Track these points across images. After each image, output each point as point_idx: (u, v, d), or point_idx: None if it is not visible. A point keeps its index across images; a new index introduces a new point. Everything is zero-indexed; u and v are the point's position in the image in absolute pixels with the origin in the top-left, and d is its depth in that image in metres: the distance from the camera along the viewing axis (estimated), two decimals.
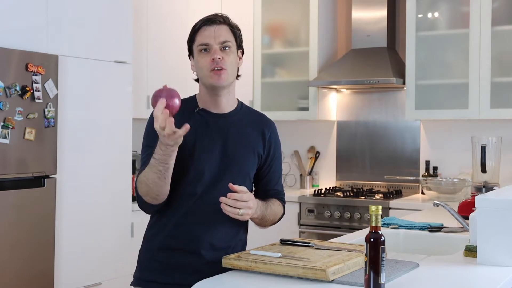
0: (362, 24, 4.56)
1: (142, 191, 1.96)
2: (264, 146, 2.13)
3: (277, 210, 2.15)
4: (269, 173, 2.16)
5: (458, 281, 1.90)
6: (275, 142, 2.17)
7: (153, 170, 1.89)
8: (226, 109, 2.11)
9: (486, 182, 3.10)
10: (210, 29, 2.03)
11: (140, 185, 1.96)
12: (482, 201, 2.06)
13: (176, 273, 2.02)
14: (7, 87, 3.20)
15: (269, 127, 2.16)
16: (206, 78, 2.04)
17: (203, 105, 2.10)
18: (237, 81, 2.20)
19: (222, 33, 2.04)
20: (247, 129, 2.11)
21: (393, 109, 4.70)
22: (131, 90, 3.99)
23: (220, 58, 2.01)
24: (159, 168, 1.88)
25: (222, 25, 2.06)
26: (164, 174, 1.89)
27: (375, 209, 1.60)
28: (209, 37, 2.02)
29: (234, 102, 2.15)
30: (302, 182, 4.92)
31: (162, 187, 1.92)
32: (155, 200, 1.96)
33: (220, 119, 2.08)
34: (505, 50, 4.06)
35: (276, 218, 2.16)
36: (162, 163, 1.87)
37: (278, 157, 2.18)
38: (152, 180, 1.90)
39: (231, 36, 2.07)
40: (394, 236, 2.68)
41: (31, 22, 3.40)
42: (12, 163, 3.25)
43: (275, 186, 2.19)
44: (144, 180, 1.93)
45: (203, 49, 2.03)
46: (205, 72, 2.03)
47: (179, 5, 4.45)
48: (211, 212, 2.01)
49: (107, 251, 3.78)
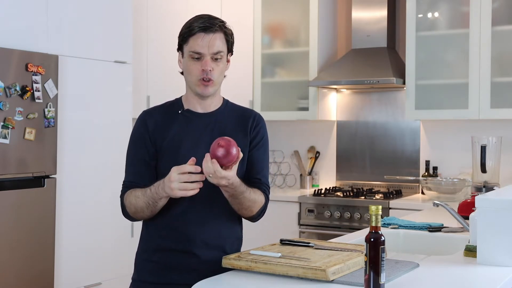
0: (362, 24, 4.56)
1: (129, 209, 2.04)
2: (247, 134, 2.11)
3: (257, 199, 2.04)
4: (251, 162, 2.11)
5: (458, 281, 1.90)
6: (259, 132, 2.13)
7: (144, 200, 1.98)
8: (210, 108, 2.12)
9: (486, 182, 3.10)
10: (206, 38, 2.01)
11: (128, 203, 2.04)
12: (482, 201, 2.06)
13: (173, 273, 2.02)
14: (7, 87, 3.20)
15: (253, 119, 2.14)
16: (193, 85, 2.07)
17: (188, 106, 2.12)
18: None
19: (216, 43, 2.02)
20: (232, 125, 2.11)
21: (393, 109, 4.70)
22: (131, 90, 3.99)
23: (211, 70, 2.02)
24: (149, 201, 1.97)
25: (218, 33, 2.04)
26: (152, 208, 1.98)
27: (375, 209, 1.60)
28: (203, 46, 2.01)
29: (219, 101, 2.16)
30: (302, 182, 4.92)
31: (147, 215, 2.03)
32: (140, 219, 2.08)
33: (205, 118, 2.09)
34: (505, 50, 4.06)
35: (255, 207, 2.04)
36: (154, 199, 1.96)
37: (262, 148, 2.13)
38: (141, 207, 1.99)
39: (224, 44, 2.06)
40: (394, 236, 2.67)
41: (31, 22, 3.41)
42: (12, 163, 3.25)
43: (257, 175, 2.11)
44: (134, 203, 2.01)
45: (195, 57, 2.03)
46: (194, 79, 2.05)
47: (179, 5, 4.45)
48: (202, 211, 2.02)
49: (107, 251, 3.79)
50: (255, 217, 2.09)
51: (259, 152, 2.12)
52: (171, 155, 2.02)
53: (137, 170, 2.07)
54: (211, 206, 2.03)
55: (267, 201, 2.12)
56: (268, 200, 2.13)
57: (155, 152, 2.05)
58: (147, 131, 2.07)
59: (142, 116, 2.11)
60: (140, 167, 2.07)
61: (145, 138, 2.06)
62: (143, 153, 2.06)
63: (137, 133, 2.10)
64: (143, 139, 2.07)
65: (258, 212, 2.08)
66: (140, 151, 2.07)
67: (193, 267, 2.00)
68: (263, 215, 2.13)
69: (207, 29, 2.02)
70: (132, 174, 2.09)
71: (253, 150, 2.11)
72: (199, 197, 2.00)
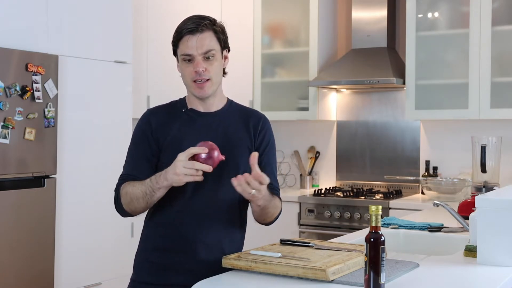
0: (362, 24, 4.56)
1: (124, 200, 2.01)
2: (253, 140, 2.10)
3: (278, 204, 2.09)
4: (262, 166, 2.06)
5: (458, 281, 1.90)
6: (266, 135, 2.12)
7: (142, 188, 1.95)
8: (213, 108, 2.11)
9: (486, 182, 3.10)
10: (192, 39, 2.00)
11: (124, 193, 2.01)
12: (482, 201, 2.06)
13: (171, 273, 2.02)
14: (7, 87, 3.20)
15: (258, 121, 2.13)
16: (189, 88, 2.07)
17: (191, 105, 2.11)
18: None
19: (205, 42, 2.00)
20: (236, 125, 2.10)
21: (393, 109, 4.70)
22: (131, 90, 3.99)
23: (204, 70, 2.01)
24: (147, 191, 1.94)
25: (206, 32, 2.01)
26: (148, 198, 1.95)
27: (375, 209, 1.60)
28: (191, 47, 2.00)
29: (223, 100, 2.14)
30: (302, 182, 4.92)
31: (141, 206, 1.99)
32: (131, 212, 2.04)
33: (208, 118, 2.09)
34: (505, 50, 4.06)
35: (276, 213, 2.09)
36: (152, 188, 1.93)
37: (270, 151, 2.13)
38: (136, 196, 1.96)
39: (215, 42, 2.04)
40: (394, 236, 2.67)
41: (31, 22, 3.41)
42: (12, 163, 3.25)
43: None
44: (130, 192, 1.98)
45: (186, 59, 2.03)
46: (189, 82, 2.05)
47: (179, 5, 4.45)
48: (202, 211, 2.02)
49: (107, 251, 3.79)
50: (273, 221, 2.13)
51: (267, 156, 2.12)
52: (172, 153, 2.00)
53: (136, 165, 2.06)
54: (211, 207, 2.02)
55: (281, 205, 2.15)
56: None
57: (157, 150, 2.05)
58: (150, 128, 2.06)
59: (146, 114, 2.11)
60: (140, 162, 2.05)
61: (148, 136, 2.06)
62: (145, 149, 2.05)
63: (140, 130, 2.09)
64: (145, 136, 2.06)
65: (276, 217, 2.12)
66: (141, 147, 2.06)
67: (191, 268, 1.99)
68: None
69: (193, 30, 2.00)
70: (130, 169, 2.07)
71: (262, 155, 2.09)
72: (198, 197, 2.01)
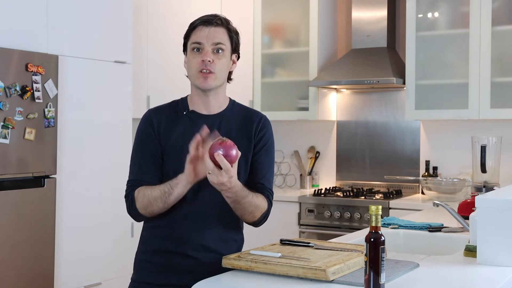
0: (362, 24, 4.56)
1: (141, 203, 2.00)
2: (252, 139, 2.08)
3: (259, 203, 2.02)
4: (255, 166, 2.08)
5: (458, 281, 1.90)
6: (263, 136, 2.10)
7: (160, 188, 1.95)
8: (215, 110, 2.10)
9: (486, 182, 3.10)
10: (205, 29, 2.02)
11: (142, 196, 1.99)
12: (482, 201, 2.06)
13: (172, 274, 2.02)
14: (7, 87, 3.20)
15: (259, 121, 2.11)
16: (193, 78, 2.06)
17: (193, 107, 2.10)
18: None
19: (217, 35, 2.02)
20: (237, 127, 2.09)
21: (393, 109, 4.70)
22: (131, 90, 3.99)
23: (210, 61, 2.00)
24: (165, 189, 1.94)
25: (220, 27, 2.04)
26: (166, 198, 1.94)
27: (375, 209, 1.60)
28: (203, 37, 2.02)
29: (225, 102, 2.13)
30: (302, 182, 4.92)
31: (159, 207, 1.97)
32: (148, 215, 2.03)
33: (208, 120, 2.06)
34: (505, 50, 4.06)
35: (257, 212, 2.01)
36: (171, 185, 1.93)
37: (267, 151, 2.10)
38: (154, 197, 1.96)
39: (227, 39, 2.06)
40: (394, 236, 2.67)
41: (31, 22, 3.40)
42: (12, 163, 3.25)
43: (260, 180, 2.08)
44: (148, 194, 1.97)
45: (196, 48, 2.03)
46: (194, 71, 2.04)
47: (179, 5, 4.45)
48: (202, 214, 2.01)
49: (107, 251, 3.79)
50: (257, 222, 2.06)
51: (262, 156, 2.09)
52: (174, 157, 2.00)
53: (143, 168, 2.04)
54: (211, 210, 2.02)
55: (270, 206, 2.08)
56: (271, 205, 2.09)
57: (161, 150, 2.04)
58: (153, 128, 2.05)
59: (148, 114, 2.10)
60: (147, 164, 2.04)
61: (152, 135, 2.04)
62: (150, 149, 2.04)
63: (143, 130, 2.07)
64: (149, 135, 2.05)
65: (260, 217, 2.05)
66: (146, 147, 2.04)
67: (191, 269, 1.99)
68: (266, 220, 2.10)
69: (208, 22, 2.03)
70: (138, 173, 2.05)
71: (257, 154, 2.08)
72: (199, 200, 2.00)
